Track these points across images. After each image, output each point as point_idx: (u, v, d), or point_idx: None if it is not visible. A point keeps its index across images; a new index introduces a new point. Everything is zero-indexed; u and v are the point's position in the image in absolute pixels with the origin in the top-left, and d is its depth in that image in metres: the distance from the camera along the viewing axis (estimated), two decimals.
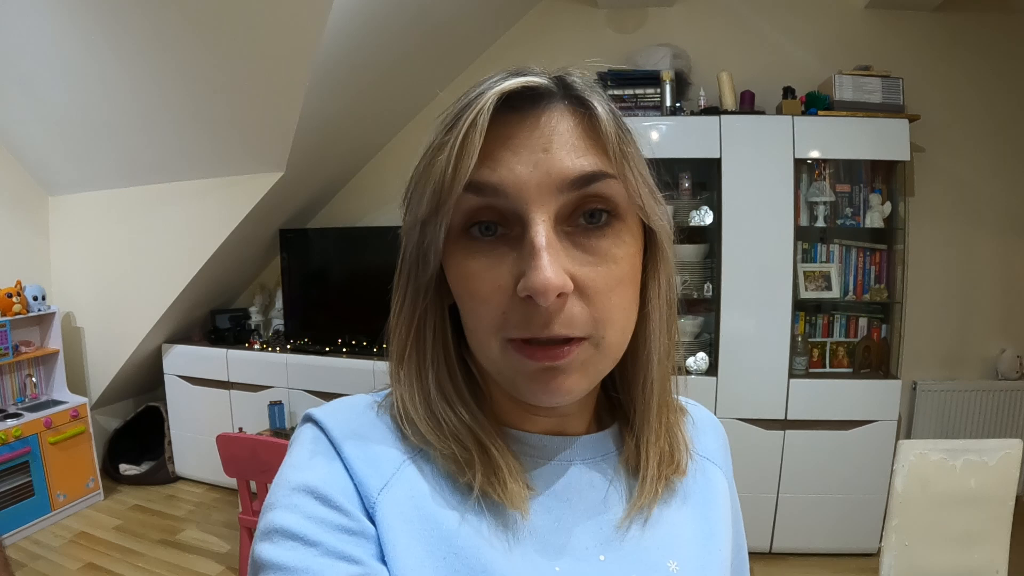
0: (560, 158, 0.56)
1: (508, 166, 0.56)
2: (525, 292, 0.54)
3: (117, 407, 5.23)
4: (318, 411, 0.65)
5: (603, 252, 0.58)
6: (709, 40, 4.01)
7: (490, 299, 0.57)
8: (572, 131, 0.57)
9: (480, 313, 0.58)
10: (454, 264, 0.60)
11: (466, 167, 0.55)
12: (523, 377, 0.58)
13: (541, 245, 0.54)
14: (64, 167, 4.62)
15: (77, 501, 4.47)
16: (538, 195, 0.56)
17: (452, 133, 0.57)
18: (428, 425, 0.63)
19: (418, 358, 0.65)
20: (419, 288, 0.63)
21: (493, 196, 0.56)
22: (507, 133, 0.57)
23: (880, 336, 3.78)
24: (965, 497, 2.16)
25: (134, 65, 3.54)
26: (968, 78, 3.80)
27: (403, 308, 0.65)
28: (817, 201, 3.65)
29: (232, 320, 4.86)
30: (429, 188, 0.58)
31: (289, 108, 3.53)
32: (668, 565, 0.65)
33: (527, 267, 0.54)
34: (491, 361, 0.60)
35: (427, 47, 3.88)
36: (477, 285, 0.58)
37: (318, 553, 0.53)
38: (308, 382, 4.40)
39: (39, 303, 4.46)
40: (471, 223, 0.58)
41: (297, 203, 4.60)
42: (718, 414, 3.35)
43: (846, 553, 3.68)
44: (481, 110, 0.55)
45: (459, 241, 0.59)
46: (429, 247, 0.60)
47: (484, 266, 0.58)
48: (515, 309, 0.56)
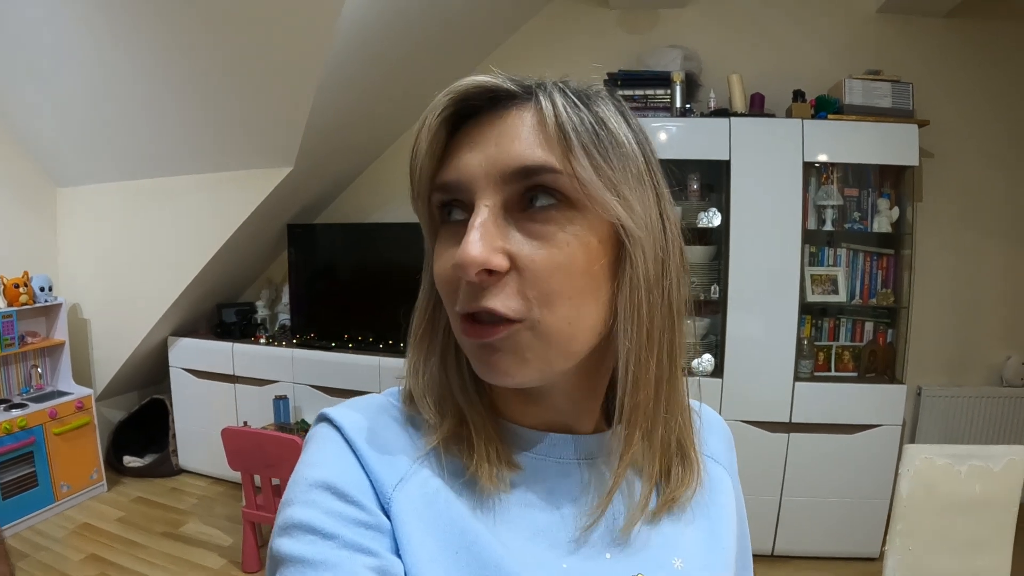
0: (507, 151, 0.58)
1: (465, 161, 0.60)
2: (451, 267, 0.58)
3: (122, 399, 5.24)
4: (333, 411, 0.66)
5: (546, 235, 0.58)
6: (720, 42, 4.01)
7: (446, 276, 0.60)
8: (530, 127, 0.59)
9: (442, 290, 0.62)
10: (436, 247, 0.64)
11: (427, 166, 0.62)
12: (472, 355, 0.62)
13: (474, 224, 0.56)
14: (73, 159, 4.63)
15: (80, 492, 4.48)
16: (485, 184, 0.58)
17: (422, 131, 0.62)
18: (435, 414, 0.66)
19: (429, 340, 0.68)
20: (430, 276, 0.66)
21: (455, 192, 0.60)
22: (471, 131, 0.61)
23: (886, 341, 3.78)
24: (970, 503, 2.16)
25: (145, 57, 3.55)
26: (978, 85, 3.80)
27: (422, 291, 0.69)
28: (825, 205, 3.65)
29: (238, 314, 4.86)
30: (411, 179, 0.64)
31: (299, 104, 3.54)
32: (673, 563, 0.66)
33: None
34: (459, 338, 0.63)
35: (437, 45, 3.88)
36: (440, 264, 0.61)
37: (336, 546, 0.54)
38: (314, 377, 4.41)
39: (46, 294, 4.47)
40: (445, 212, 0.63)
41: (305, 198, 4.61)
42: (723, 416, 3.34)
43: (848, 557, 3.68)
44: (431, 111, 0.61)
45: (442, 225, 0.64)
46: (426, 235, 0.66)
47: (446, 246, 0.61)
48: (463, 287, 0.59)
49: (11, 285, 4.25)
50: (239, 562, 3.71)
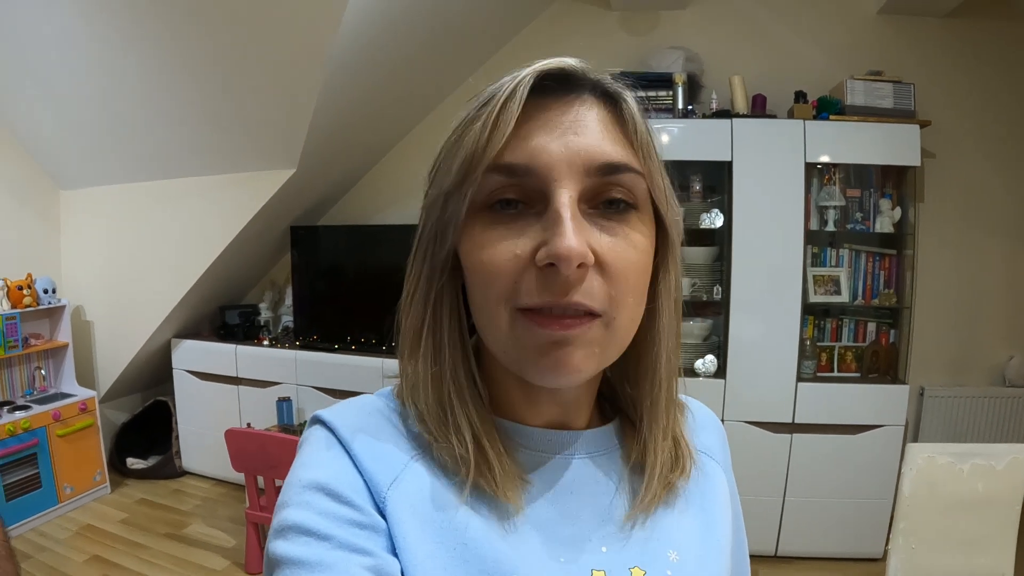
0: (590, 142, 0.58)
1: (539, 143, 0.57)
2: (547, 259, 0.55)
3: (125, 401, 5.25)
4: (326, 412, 0.66)
5: (622, 234, 0.59)
6: (722, 43, 4.02)
7: (505, 267, 0.58)
8: (602, 120, 0.60)
9: (492, 281, 0.59)
10: (470, 237, 0.61)
11: (499, 137, 0.57)
12: (531, 351, 0.59)
13: (566, 215, 0.55)
14: (76, 161, 4.64)
15: (84, 494, 4.48)
16: (567, 173, 0.57)
17: (487, 107, 0.58)
18: (435, 415, 0.64)
19: (434, 340, 0.65)
20: (435, 266, 0.64)
21: (522, 176, 0.57)
22: (539, 113, 0.59)
23: (888, 341, 3.78)
24: (972, 501, 2.16)
25: (147, 60, 3.56)
26: (979, 85, 3.80)
27: (418, 288, 0.65)
28: (827, 205, 3.66)
29: (241, 316, 4.87)
30: (459, 158, 0.59)
31: (302, 106, 3.55)
32: (668, 555, 0.67)
33: (550, 235, 0.55)
34: (497, 337, 0.61)
35: (439, 48, 3.89)
36: (492, 253, 0.58)
37: (332, 547, 0.55)
38: (317, 379, 4.42)
39: (49, 296, 4.48)
40: (494, 200, 0.59)
41: (308, 200, 4.62)
42: (726, 416, 3.36)
43: (851, 558, 3.68)
44: (519, 84, 0.57)
45: (479, 215, 0.60)
46: (450, 221, 0.61)
47: (501, 235, 0.58)
48: (529, 278, 0.57)
49: (15, 287, 4.26)
50: (242, 563, 3.71)
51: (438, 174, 0.64)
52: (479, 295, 0.61)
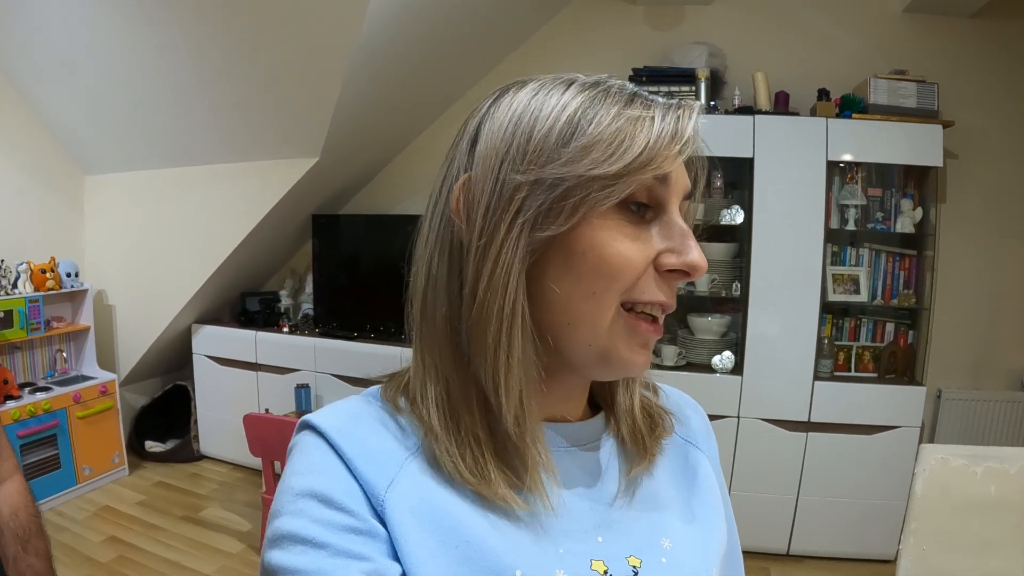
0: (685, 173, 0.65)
1: (676, 161, 0.62)
2: (681, 267, 0.61)
3: (145, 385, 5.31)
4: (314, 417, 0.65)
5: None
6: (745, 39, 4.00)
7: (636, 264, 0.61)
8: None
9: (618, 275, 0.60)
10: (603, 227, 0.60)
11: (677, 154, 0.60)
12: (626, 346, 0.63)
13: (689, 231, 0.63)
14: (101, 147, 4.69)
15: (102, 475, 4.54)
16: (679, 192, 0.64)
17: (651, 110, 0.61)
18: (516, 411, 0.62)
19: (521, 325, 0.61)
20: (533, 244, 0.60)
21: (663, 187, 0.62)
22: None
23: (906, 342, 3.77)
24: (985, 504, 2.15)
25: (175, 48, 3.59)
26: (1004, 86, 3.76)
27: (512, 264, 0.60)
28: (848, 204, 3.65)
29: (262, 303, 4.90)
30: (630, 152, 0.58)
31: (326, 95, 3.57)
32: (662, 543, 0.68)
33: (681, 246, 0.62)
34: (598, 325, 0.62)
35: (464, 40, 3.90)
36: (629, 251, 0.61)
37: (328, 554, 0.55)
38: (335, 366, 4.44)
39: (72, 280, 4.53)
40: (630, 200, 0.61)
41: (330, 189, 4.65)
42: (742, 413, 3.36)
43: (864, 559, 3.67)
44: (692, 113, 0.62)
45: (615, 209, 0.61)
46: (579, 204, 0.58)
47: (635, 233, 0.61)
48: (648, 277, 0.62)
49: (38, 270, 4.30)
50: (258, 547, 3.74)
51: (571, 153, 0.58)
52: (590, 286, 0.60)
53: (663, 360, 3.78)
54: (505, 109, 0.63)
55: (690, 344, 3.86)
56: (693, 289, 3.75)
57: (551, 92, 0.63)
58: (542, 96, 0.62)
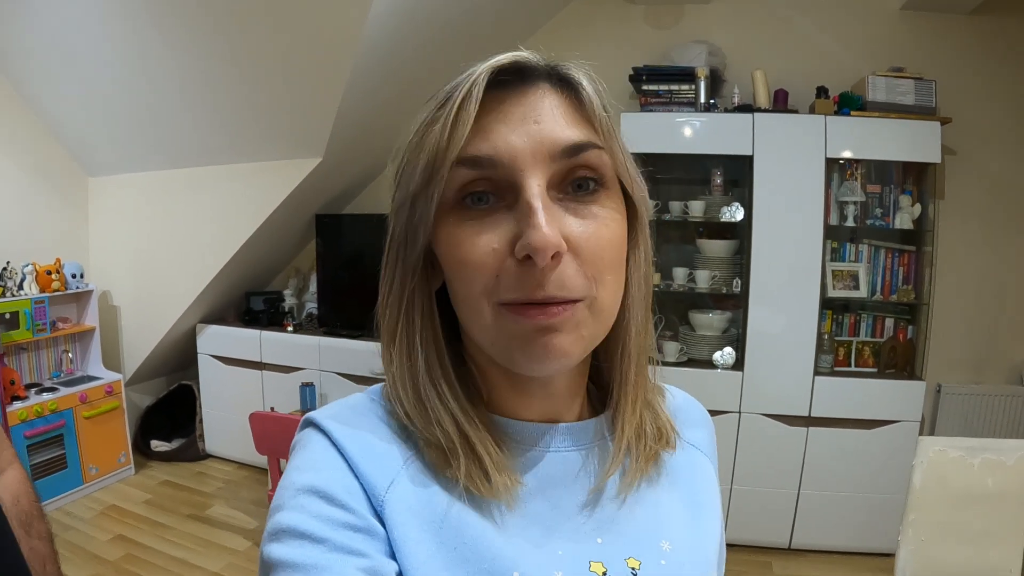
0: (551, 128, 0.59)
1: (502, 136, 0.58)
2: (524, 251, 0.55)
3: (150, 384, 5.33)
4: (318, 415, 0.66)
5: (591, 214, 0.60)
6: (744, 38, 4.03)
7: (484, 262, 0.58)
8: (560, 106, 0.61)
9: (472, 278, 0.59)
10: (445, 235, 0.61)
11: (460, 135, 0.57)
12: (518, 341, 0.59)
13: (537, 206, 0.56)
14: (105, 149, 4.71)
15: (109, 475, 4.57)
16: (532, 162, 0.58)
17: (445, 108, 0.59)
18: (416, 409, 0.64)
19: (408, 339, 0.65)
20: (407, 268, 0.64)
21: (488, 168, 0.58)
22: (498, 107, 0.60)
23: (906, 337, 3.78)
24: (982, 495, 2.18)
25: (178, 49, 3.62)
26: (1001, 82, 3.78)
27: (391, 290, 0.66)
28: (847, 201, 3.66)
29: (266, 302, 4.93)
30: (422, 160, 0.60)
31: (330, 96, 3.59)
32: (661, 545, 0.68)
33: (524, 227, 0.56)
34: (483, 329, 0.61)
35: (465, 40, 3.91)
36: (469, 249, 0.59)
37: (326, 549, 0.54)
38: (339, 365, 4.47)
39: (77, 281, 4.55)
40: (464, 195, 0.60)
41: (334, 189, 4.67)
42: (743, 409, 3.38)
43: (865, 552, 3.70)
44: (475, 82, 0.58)
45: (451, 213, 0.61)
46: (419, 222, 0.61)
47: (476, 231, 0.59)
48: (508, 272, 0.58)
49: (43, 272, 4.33)
50: None
51: (403, 177, 0.65)
52: (461, 291, 0.61)
53: (665, 356, 3.80)
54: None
55: (691, 340, 3.88)
56: (694, 286, 3.78)
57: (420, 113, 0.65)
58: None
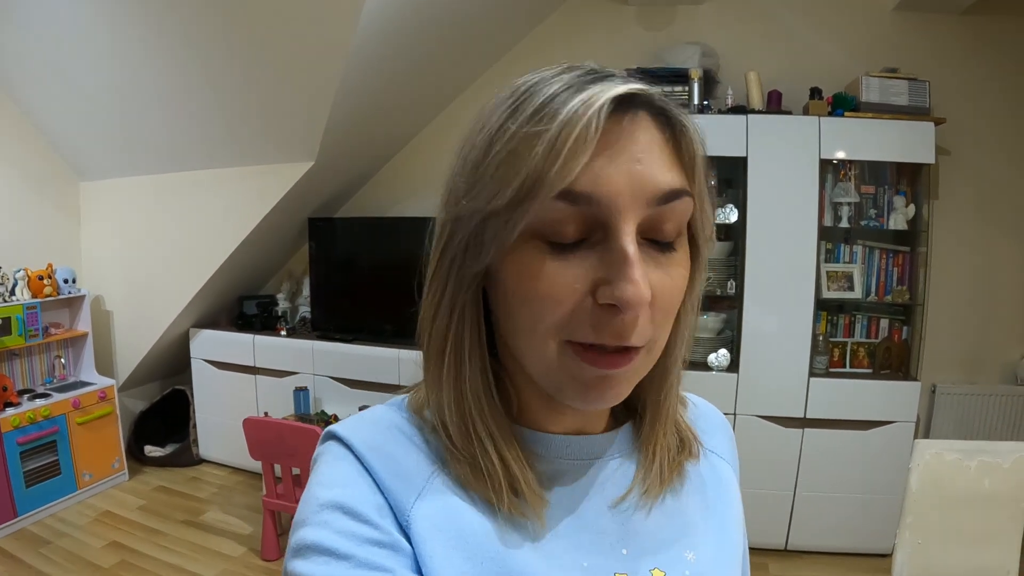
0: (653, 171, 0.54)
1: (604, 172, 0.53)
2: (612, 301, 0.53)
3: (144, 390, 5.31)
4: (340, 428, 0.65)
5: (670, 263, 0.57)
6: (738, 39, 4.02)
7: (562, 300, 0.54)
8: (660, 143, 0.56)
9: (544, 313, 0.55)
10: (519, 262, 0.56)
11: (570, 171, 0.51)
12: (577, 383, 0.57)
13: (633, 256, 0.53)
14: (96, 153, 4.69)
15: (102, 481, 4.55)
16: (630, 205, 0.53)
17: (545, 123, 0.52)
18: (460, 431, 0.62)
19: (456, 358, 0.62)
20: (463, 281, 0.59)
21: (584, 204, 0.53)
22: (601, 136, 0.52)
23: (901, 338, 3.78)
24: (979, 497, 2.18)
25: (168, 53, 3.60)
26: (995, 82, 3.79)
27: (442, 300, 0.61)
28: (842, 202, 3.67)
29: (259, 306, 4.92)
30: (515, 180, 0.53)
31: (321, 99, 3.58)
32: (686, 556, 0.68)
33: (616, 276, 0.52)
34: (543, 363, 0.58)
35: (457, 42, 3.91)
36: (549, 285, 0.54)
37: (351, 566, 0.54)
38: (333, 369, 4.46)
39: (69, 286, 4.54)
40: (550, 229, 0.54)
41: (326, 192, 4.66)
42: (738, 410, 3.38)
43: (861, 553, 3.70)
44: (596, 113, 0.51)
45: (530, 240, 0.55)
46: (491, 240, 0.56)
47: (558, 267, 0.54)
48: (584, 313, 0.55)
49: (35, 277, 4.31)
50: (258, 550, 3.76)
51: (477, 186, 0.56)
52: (525, 322, 0.57)
53: None
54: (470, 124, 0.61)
55: None
56: None
57: (497, 107, 0.58)
58: (487, 113, 0.59)
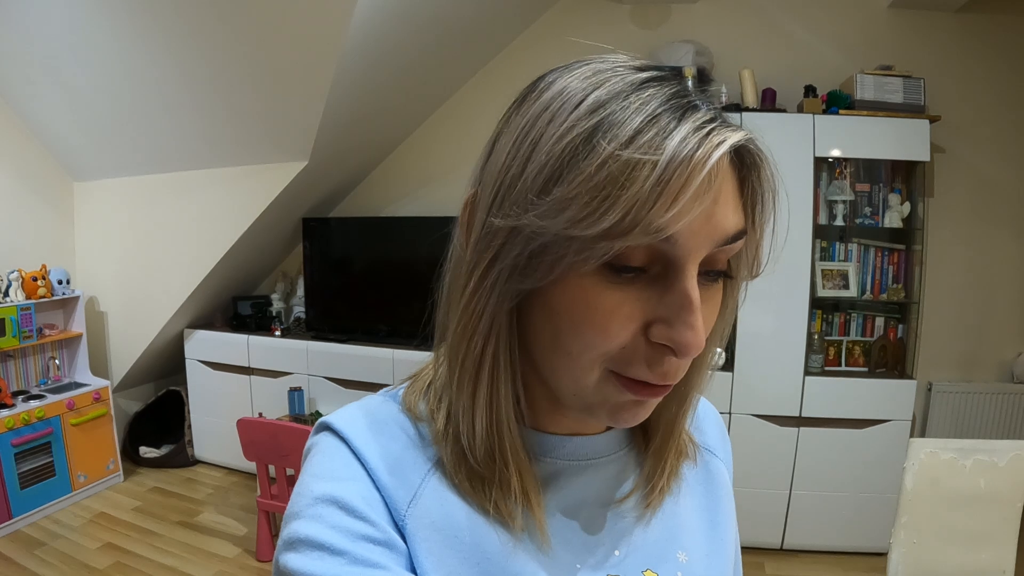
0: (727, 213, 0.52)
1: (687, 211, 0.48)
2: (669, 344, 0.52)
3: (138, 390, 5.30)
4: (335, 419, 0.64)
5: (716, 302, 0.57)
6: (732, 37, 4.01)
7: (617, 334, 0.53)
8: (732, 182, 0.53)
9: (595, 343, 0.53)
10: (576, 286, 0.53)
11: (682, 215, 0.48)
12: (610, 406, 0.57)
13: (696, 303, 0.51)
14: (90, 153, 4.68)
15: (97, 482, 4.53)
16: (700, 247, 0.51)
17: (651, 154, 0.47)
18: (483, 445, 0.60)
19: (493, 374, 0.59)
20: (507, 293, 0.56)
21: (670, 245, 0.50)
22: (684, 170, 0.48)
23: (896, 336, 3.78)
24: (974, 497, 2.17)
25: (161, 53, 3.59)
26: (990, 79, 3.78)
27: (484, 313, 0.57)
28: (836, 200, 3.66)
29: (254, 307, 4.91)
30: (613, 212, 0.48)
31: (314, 98, 3.57)
32: (678, 556, 0.68)
33: (676, 320, 0.51)
34: (578, 386, 0.57)
35: (450, 41, 3.90)
36: (605, 317, 0.52)
37: (345, 562, 0.53)
38: (328, 369, 4.44)
39: (63, 287, 4.52)
40: (620, 262, 0.51)
41: (320, 192, 4.65)
42: (733, 410, 3.36)
43: (857, 552, 3.69)
44: (717, 158, 0.48)
45: (593, 269, 0.52)
46: (558, 263, 0.52)
47: (618, 300, 0.52)
48: (637, 349, 0.54)
49: (29, 278, 4.29)
50: (253, 551, 3.75)
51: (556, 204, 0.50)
52: (572, 347, 0.55)
53: None
54: (521, 117, 0.55)
55: None
56: None
57: (575, 95, 0.52)
58: (558, 104, 0.53)
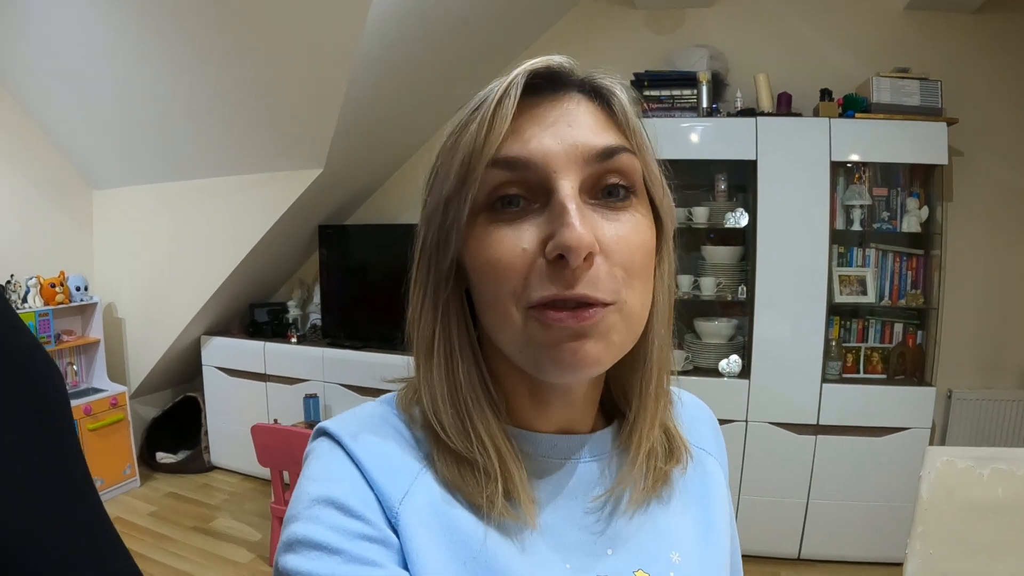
0: (585, 133, 0.59)
1: (536, 138, 0.58)
2: (556, 251, 0.54)
3: (155, 397, 5.32)
4: (331, 424, 0.66)
5: (623, 218, 0.60)
6: (747, 41, 3.99)
7: (513, 264, 0.57)
8: (592, 113, 0.61)
9: (501, 280, 0.58)
10: (475, 238, 0.60)
11: (497, 135, 0.57)
12: (547, 348, 0.58)
13: (571, 206, 0.55)
14: (108, 162, 4.72)
15: (114, 487, 4.57)
16: (566, 164, 0.57)
17: (480, 111, 0.59)
18: (456, 426, 0.63)
19: (446, 350, 0.64)
20: (440, 275, 0.63)
21: (521, 169, 0.58)
22: (532, 110, 0.59)
23: (915, 342, 3.73)
24: (992, 506, 2.13)
25: (179, 62, 3.62)
26: (1008, 81, 3.73)
27: (425, 299, 0.65)
28: (853, 204, 3.62)
29: (270, 314, 4.92)
30: (456, 162, 0.60)
31: (329, 106, 3.58)
32: (671, 557, 0.67)
33: (557, 226, 0.55)
34: (511, 335, 0.60)
35: (465, 47, 3.91)
36: (499, 250, 0.58)
37: (342, 560, 0.54)
38: (344, 376, 4.45)
39: (81, 293, 4.56)
40: (495, 198, 0.59)
41: (336, 200, 4.66)
42: (750, 417, 3.34)
43: (876, 562, 3.63)
44: (512, 83, 0.58)
45: (481, 216, 0.60)
46: (452, 226, 0.60)
47: (505, 233, 0.58)
48: (538, 272, 0.56)
49: (48, 285, 4.33)
50: (267, 557, 3.76)
51: (436, 180, 0.64)
52: (489, 296, 0.60)
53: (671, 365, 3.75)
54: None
55: (697, 348, 3.84)
56: (699, 293, 3.74)
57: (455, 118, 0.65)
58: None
